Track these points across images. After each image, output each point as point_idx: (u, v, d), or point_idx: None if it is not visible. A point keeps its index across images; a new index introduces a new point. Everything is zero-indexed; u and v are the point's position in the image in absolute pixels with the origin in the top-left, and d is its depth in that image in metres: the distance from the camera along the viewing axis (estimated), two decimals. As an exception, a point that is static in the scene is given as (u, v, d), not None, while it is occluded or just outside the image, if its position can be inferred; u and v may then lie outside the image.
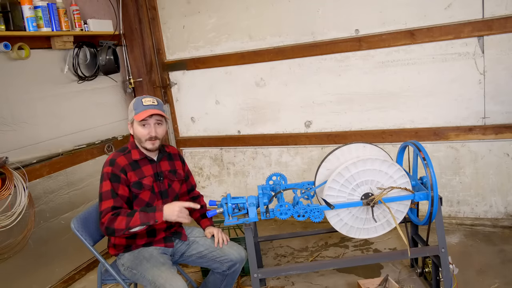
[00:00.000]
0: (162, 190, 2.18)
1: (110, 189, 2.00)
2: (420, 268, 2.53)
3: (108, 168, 2.04)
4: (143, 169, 2.13)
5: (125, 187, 2.04)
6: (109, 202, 1.98)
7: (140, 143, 2.10)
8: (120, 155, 2.10)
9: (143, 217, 1.94)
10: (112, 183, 2.01)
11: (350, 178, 2.16)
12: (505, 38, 2.80)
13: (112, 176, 2.02)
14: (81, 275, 3.11)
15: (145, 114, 2.03)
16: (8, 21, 2.56)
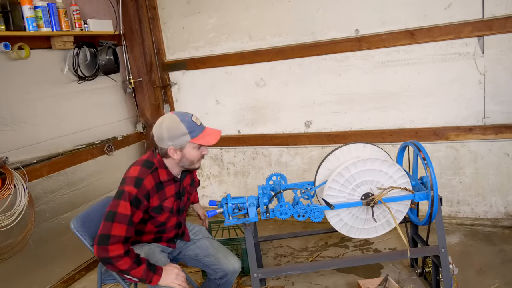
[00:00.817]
0: (181, 207, 2.08)
1: (129, 215, 1.79)
2: (420, 268, 2.53)
3: (133, 190, 1.80)
4: (166, 190, 1.96)
5: (141, 213, 1.86)
6: (122, 228, 1.77)
7: (189, 166, 1.93)
8: (147, 173, 1.86)
9: (145, 272, 1.80)
10: (132, 208, 1.80)
11: (350, 178, 2.16)
12: (505, 38, 2.80)
13: (134, 200, 1.80)
14: (81, 275, 3.11)
15: (212, 138, 1.87)
16: (8, 21, 2.56)
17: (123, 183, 1.83)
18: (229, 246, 2.89)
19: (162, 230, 2.04)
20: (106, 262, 1.76)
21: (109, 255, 1.73)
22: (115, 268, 1.77)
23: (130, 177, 1.83)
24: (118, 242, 1.75)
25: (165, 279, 1.84)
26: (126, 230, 1.77)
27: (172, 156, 1.88)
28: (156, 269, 1.84)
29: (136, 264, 1.79)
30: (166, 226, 2.03)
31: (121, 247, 1.76)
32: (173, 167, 1.94)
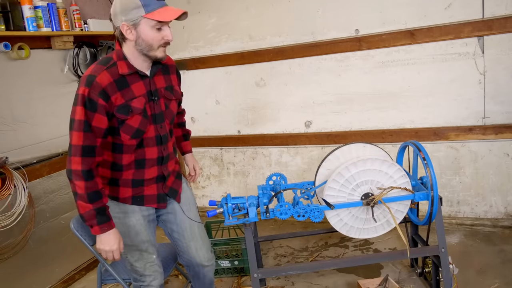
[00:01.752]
0: (157, 112, 1.77)
1: (83, 120, 1.57)
2: (420, 268, 2.53)
3: (84, 89, 1.56)
4: (133, 87, 1.67)
5: (103, 117, 1.60)
6: (79, 136, 1.58)
7: (147, 51, 1.64)
8: (101, 69, 1.61)
9: (88, 214, 1.61)
10: (86, 111, 1.57)
11: (350, 178, 2.16)
12: (505, 38, 2.80)
13: (87, 102, 1.56)
14: (81, 275, 3.11)
15: (171, 14, 1.58)
16: (8, 21, 2.56)
17: (78, 85, 1.62)
18: (229, 246, 2.89)
19: (141, 158, 1.77)
20: (68, 176, 1.62)
21: (71, 167, 1.59)
22: (72, 187, 1.62)
23: (82, 78, 1.61)
24: (78, 154, 1.57)
25: (102, 243, 1.67)
26: (83, 137, 1.57)
27: (127, 36, 1.62)
28: (103, 223, 1.64)
29: (88, 198, 1.60)
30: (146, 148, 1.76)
31: (79, 161, 1.57)
32: (134, 58, 1.67)
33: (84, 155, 1.59)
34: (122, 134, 1.68)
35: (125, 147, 1.73)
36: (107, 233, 1.66)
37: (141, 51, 1.64)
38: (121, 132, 1.67)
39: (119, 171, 1.77)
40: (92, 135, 1.60)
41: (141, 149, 1.76)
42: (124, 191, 1.80)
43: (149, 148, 1.78)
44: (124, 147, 1.72)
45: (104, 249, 1.68)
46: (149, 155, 1.78)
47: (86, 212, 1.61)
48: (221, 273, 2.88)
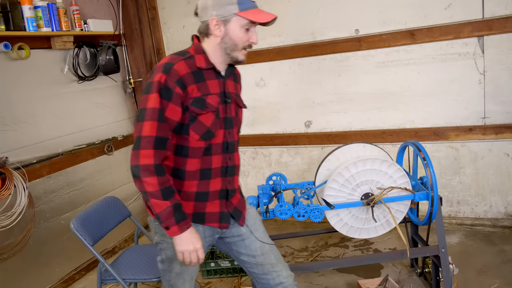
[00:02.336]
0: (228, 116, 1.63)
1: (158, 108, 1.44)
2: (420, 268, 2.53)
3: (161, 76, 1.46)
4: (208, 83, 1.57)
5: (177, 108, 1.48)
6: (152, 126, 1.44)
7: (231, 51, 1.56)
8: (179, 59, 1.52)
9: (165, 212, 1.45)
10: (162, 100, 1.45)
11: (350, 178, 2.16)
12: (505, 38, 2.80)
13: (163, 89, 1.45)
14: (81, 275, 3.11)
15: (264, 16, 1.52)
16: (8, 21, 2.56)
17: (151, 76, 1.51)
18: (229, 246, 2.89)
19: (207, 168, 1.59)
20: (134, 174, 1.45)
21: (139, 162, 1.43)
22: (140, 185, 1.45)
23: (158, 66, 1.50)
24: (149, 146, 1.43)
25: (182, 243, 1.49)
26: (157, 127, 1.44)
27: (213, 31, 1.53)
28: (182, 220, 1.48)
29: (162, 194, 1.44)
30: (213, 156, 1.60)
31: (151, 155, 1.43)
32: (214, 55, 1.57)
33: (157, 147, 1.44)
34: (191, 132, 1.53)
35: (190, 150, 1.55)
36: (187, 232, 1.49)
37: (224, 50, 1.56)
38: (191, 130, 1.53)
39: (181, 180, 1.58)
40: (166, 126, 1.47)
41: (208, 156, 1.59)
42: (185, 206, 1.56)
43: (215, 156, 1.61)
44: (190, 150, 1.55)
45: (188, 250, 1.49)
46: (215, 163, 1.61)
47: (162, 210, 1.45)
48: (221, 273, 2.88)
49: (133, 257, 2.38)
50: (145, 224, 3.78)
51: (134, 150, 1.45)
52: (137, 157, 1.44)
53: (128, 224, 2.77)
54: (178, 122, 1.50)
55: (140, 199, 3.79)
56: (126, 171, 3.63)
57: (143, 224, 3.61)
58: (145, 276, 2.16)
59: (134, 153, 1.45)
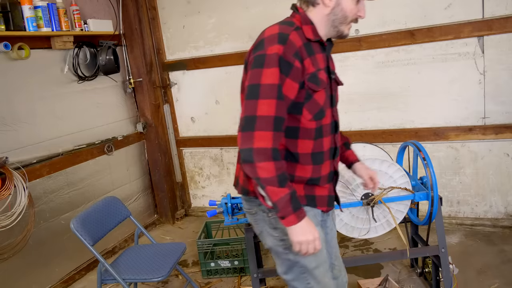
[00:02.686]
0: (333, 94, 1.52)
1: (277, 84, 1.29)
2: (420, 268, 2.53)
3: (279, 48, 1.31)
4: (317, 57, 1.42)
5: (294, 84, 1.33)
6: (270, 104, 1.28)
7: (339, 23, 1.43)
8: (290, 29, 1.36)
9: (283, 201, 1.30)
10: (281, 74, 1.30)
11: (350, 178, 2.16)
12: (505, 38, 2.80)
13: (282, 63, 1.30)
14: (81, 275, 3.11)
15: None
16: (8, 21, 2.56)
17: (259, 48, 1.35)
18: (229, 246, 2.90)
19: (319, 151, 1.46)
20: (246, 158, 1.29)
21: (253, 145, 1.27)
22: (253, 171, 1.29)
23: (270, 37, 1.35)
24: (268, 127, 1.28)
25: (303, 231, 1.34)
26: (276, 106, 1.28)
27: (323, 1, 1.40)
28: (298, 209, 1.33)
29: (279, 181, 1.29)
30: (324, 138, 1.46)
31: (270, 137, 1.28)
32: (319, 26, 1.44)
33: (276, 129, 1.29)
34: (304, 112, 1.39)
35: (301, 131, 1.42)
36: (304, 220, 1.34)
37: (332, 22, 1.43)
38: (304, 109, 1.39)
39: (294, 163, 1.44)
40: (284, 105, 1.31)
41: (319, 139, 1.45)
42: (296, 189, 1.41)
43: (326, 138, 1.48)
44: (300, 131, 1.41)
45: (307, 240, 1.34)
46: (326, 145, 1.49)
47: (280, 198, 1.29)
48: (221, 273, 2.88)
49: (133, 257, 2.38)
50: (145, 224, 3.79)
51: (245, 132, 1.29)
52: (251, 139, 1.27)
53: (128, 224, 2.78)
54: (292, 100, 1.34)
55: (140, 199, 3.79)
56: (126, 171, 3.63)
57: (143, 224, 3.62)
58: (145, 276, 2.16)
59: (246, 135, 1.29)
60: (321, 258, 1.50)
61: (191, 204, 4.17)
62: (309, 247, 1.36)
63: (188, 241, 3.45)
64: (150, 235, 2.57)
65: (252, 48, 1.41)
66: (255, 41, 1.42)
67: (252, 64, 1.34)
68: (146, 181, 3.89)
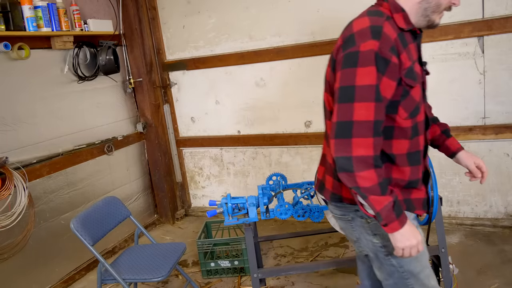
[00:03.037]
0: (425, 87, 1.44)
1: (375, 85, 1.18)
2: (420, 268, 2.53)
3: (374, 43, 1.19)
4: (410, 48, 1.32)
5: (391, 83, 1.21)
6: (368, 108, 1.18)
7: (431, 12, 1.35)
8: (382, 20, 1.25)
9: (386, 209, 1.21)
10: (378, 73, 1.19)
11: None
12: (505, 38, 2.80)
13: (379, 60, 1.19)
14: (81, 275, 3.11)
15: None
16: (8, 21, 2.56)
17: (350, 44, 1.23)
18: (229, 246, 2.90)
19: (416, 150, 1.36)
20: (344, 166, 1.21)
21: (352, 153, 1.19)
22: (352, 181, 1.21)
23: (360, 31, 1.23)
24: (368, 134, 1.19)
25: (406, 236, 1.25)
26: (375, 110, 1.18)
27: None
28: (401, 213, 1.25)
29: (381, 189, 1.20)
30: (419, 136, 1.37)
31: (370, 144, 1.19)
32: (411, 15, 1.33)
33: (376, 135, 1.20)
34: (400, 110, 1.28)
35: (396, 131, 1.31)
36: (407, 225, 1.26)
37: (424, 11, 1.33)
38: (400, 108, 1.28)
39: (391, 165, 1.34)
40: (383, 107, 1.21)
41: (415, 137, 1.35)
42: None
43: (421, 136, 1.38)
44: (395, 130, 1.31)
45: (411, 244, 1.26)
46: (421, 144, 1.38)
47: (384, 207, 1.21)
48: (221, 273, 2.88)
49: (133, 257, 2.38)
50: (145, 224, 3.79)
51: (341, 139, 1.20)
52: (349, 147, 1.18)
53: (128, 224, 2.77)
54: (389, 100, 1.23)
55: (140, 199, 3.79)
56: (126, 171, 3.63)
57: (143, 224, 3.61)
58: (145, 276, 2.16)
59: (342, 142, 1.20)
60: (425, 261, 1.43)
61: (191, 204, 4.17)
62: (412, 251, 1.28)
63: (188, 241, 3.45)
64: (150, 235, 2.57)
65: (341, 44, 1.28)
66: (343, 36, 1.30)
67: (343, 63, 1.23)
68: (146, 181, 3.89)
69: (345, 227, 1.48)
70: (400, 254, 1.29)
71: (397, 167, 1.34)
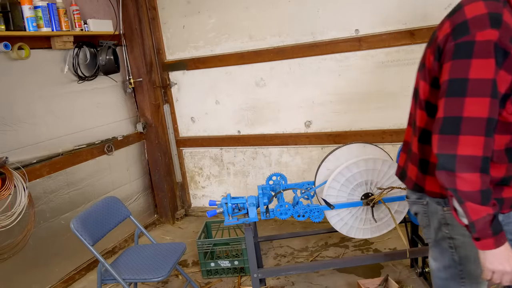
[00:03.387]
0: None
1: (491, 79, 1.07)
2: (420, 268, 2.53)
3: (493, 33, 1.07)
4: None
5: (508, 76, 1.10)
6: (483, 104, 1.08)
7: None
8: (498, 5, 1.11)
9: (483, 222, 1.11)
10: (496, 66, 1.07)
11: (350, 178, 2.16)
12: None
13: (498, 52, 1.07)
14: (81, 275, 3.11)
15: None
16: (8, 21, 2.56)
17: (463, 32, 1.11)
18: (229, 246, 2.90)
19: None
20: (445, 165, 1.11)
21: (457, 152, 1.09)
22: (451, 181, 1.11)
23: (476, 18, 1.10)
24: (479, 131, 1.08)
25: (499, 259, 1.14)
26: (490, 106, 1.08)
27: None
28: (499, 232, 1.13)
29: (482, 197, 1.10)
30: None
31: (481, 143, 1.08)
32: None
33: (488, 134, 1.09)
34: (508, 105, 1.16)
35: (499, 125, 1.19)
36: (504, 246, 1.14)
37: None
38: (508, 102, 1.16)
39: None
40: (497, 103, 1.10)
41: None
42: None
43: None
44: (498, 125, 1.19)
45: (504, 270, 1.15)
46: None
47: (480, 218, 1.11)
48: (221, 273, 2.88)
49: (133, 257, 2.38)
50: (145, 224, 3.79)
51: (447, 135, 1.11)
52: (454, 144, 1.09)
53: (128, 224, 2.78)
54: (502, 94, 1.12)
55: (140, 199, 3.79)
56: (126, 171, 3.63)
57: (143, 224, 3.62)
58: (145, 276, 2.16)
59: (447, 139, 1.10)
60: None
61: (191, 204, 4.17)
62: (505, 278, 1.16)
63: (188, 241, 3.45)
64: (150, 235, 2.57)
65: (450, 31, 1.15)
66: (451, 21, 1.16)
67: (454, 54, 1.11)
68: (146, 181, 3.89)
69: (417, 210, 1.41)
70: (488, 277, 1.19)
71: (493, 163, 1.21)
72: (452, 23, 1.15)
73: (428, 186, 1.32)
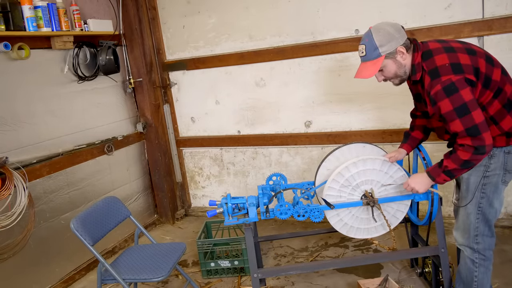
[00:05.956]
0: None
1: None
2: (420, 268, 2.53)
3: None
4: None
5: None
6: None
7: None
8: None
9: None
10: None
11: (350, 178, 2.16)
12: (505, 38, 2.80)
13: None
14: (81, 275, 3.11)
15: None
16: (8, 21, 2.56)
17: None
18: (229, 246, 2.90)
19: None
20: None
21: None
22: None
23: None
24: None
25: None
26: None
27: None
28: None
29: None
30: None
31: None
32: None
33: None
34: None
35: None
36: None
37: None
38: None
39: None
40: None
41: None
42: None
43: None
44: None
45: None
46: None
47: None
48: (221, 273, 2.88)
49: (133, 257, 2.38)
50: (145, 224, 3.79)
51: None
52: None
53: (128, 224, 2.78)
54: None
55: (140, 199, 3.79)
56: (126, 171, 3.63)
57: (143, 224, 3.62)
58: (145, 276, 2.16)
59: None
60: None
61: (191, 204, 4.17)
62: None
63: (188, 241, 3.45)
64: (150, 235, 2.57)
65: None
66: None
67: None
68: (146, 181, 3.89)
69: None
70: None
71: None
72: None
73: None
